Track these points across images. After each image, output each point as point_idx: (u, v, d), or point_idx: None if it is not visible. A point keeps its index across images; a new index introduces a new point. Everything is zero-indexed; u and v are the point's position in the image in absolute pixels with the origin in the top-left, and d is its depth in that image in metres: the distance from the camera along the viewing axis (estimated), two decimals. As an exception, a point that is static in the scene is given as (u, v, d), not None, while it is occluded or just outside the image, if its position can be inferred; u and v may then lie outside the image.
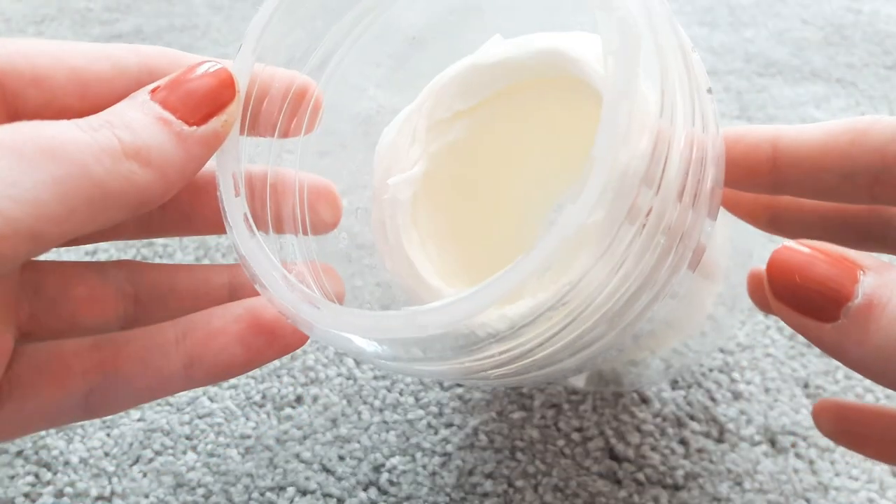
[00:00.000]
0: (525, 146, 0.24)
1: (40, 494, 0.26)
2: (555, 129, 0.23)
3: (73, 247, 0.25)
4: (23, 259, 0.15)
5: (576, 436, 0.28)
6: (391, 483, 0.27)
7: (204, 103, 0.17)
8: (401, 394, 0.30)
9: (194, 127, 0.17)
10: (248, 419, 0.29)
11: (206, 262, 0.38)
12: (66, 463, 0.28)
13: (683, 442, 0.28)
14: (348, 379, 0.31)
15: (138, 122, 0.16)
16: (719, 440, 0.28)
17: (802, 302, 0.16)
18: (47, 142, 0.15)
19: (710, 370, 0.31)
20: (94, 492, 0.27)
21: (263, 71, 0.19)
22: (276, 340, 0.18)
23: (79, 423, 0.29)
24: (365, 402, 0.30)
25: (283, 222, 0.20)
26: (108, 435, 0.29)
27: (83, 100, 0.18)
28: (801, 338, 0.29)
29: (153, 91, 0.17)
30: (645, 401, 0.29)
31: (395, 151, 0.22)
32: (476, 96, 0.23)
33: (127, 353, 0.18)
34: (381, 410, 0.30)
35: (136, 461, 0.28)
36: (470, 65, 0.22)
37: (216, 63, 0.18)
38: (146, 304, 0.20)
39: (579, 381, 0.29)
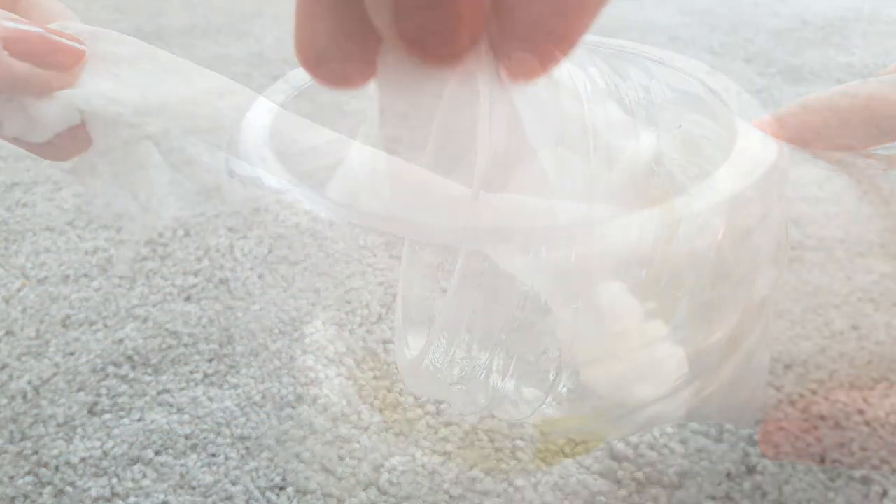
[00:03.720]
0: None
1: (40, 494, 0.27)
2: None
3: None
4: None
5: (576, 434, 0.28)
6: (391, 483, 0.27)
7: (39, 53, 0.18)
8: (400, 394, 0.30)
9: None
10: (248, 419, 0.29)
11: (205, 261, 0.38)
12: (66, 463, 0.28)
13: (683, 441, 0.28)
14: (348, 379, 0.31)
15: None
16: (718, 440, 0.28)
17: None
18: None
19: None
20: (94, 492, 0.27)
21: None
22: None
23: (79, 423, 0.29)
24: (365, 402, 0.30)
25: None
26: (108, 435, 0.29)
27: None
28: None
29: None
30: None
31: None
32: None
33: None
34: (380, 410, 0.30)
35: (136, 461, 0.28)
36: None
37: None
38: None
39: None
